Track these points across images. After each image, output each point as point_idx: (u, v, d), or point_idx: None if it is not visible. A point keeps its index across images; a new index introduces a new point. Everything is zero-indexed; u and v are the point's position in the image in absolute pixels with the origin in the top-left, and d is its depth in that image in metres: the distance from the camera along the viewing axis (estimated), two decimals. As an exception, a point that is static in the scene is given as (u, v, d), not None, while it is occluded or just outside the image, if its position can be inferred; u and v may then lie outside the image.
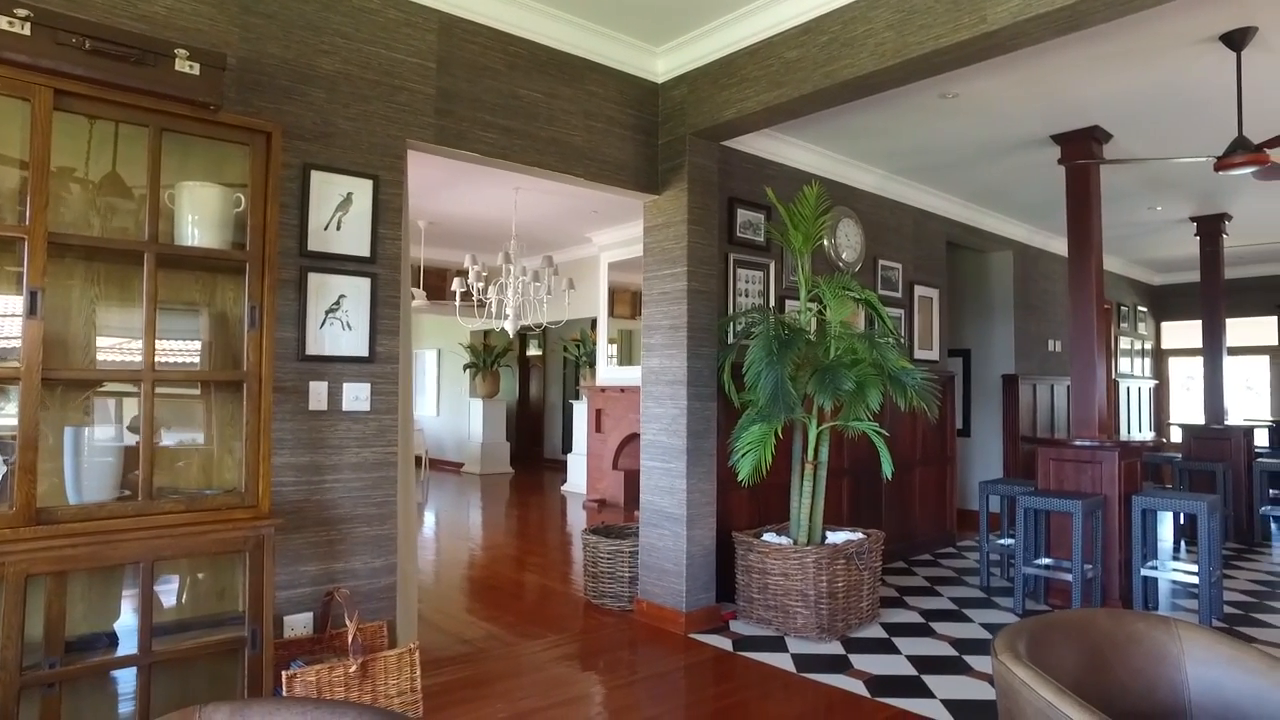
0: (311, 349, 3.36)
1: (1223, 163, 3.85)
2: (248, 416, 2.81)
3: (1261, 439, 8.89)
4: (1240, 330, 10.47)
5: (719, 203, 4.88)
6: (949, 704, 3.39)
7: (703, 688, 3.70)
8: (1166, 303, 11.63)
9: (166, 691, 2.82)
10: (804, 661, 3.91)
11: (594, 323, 9.77)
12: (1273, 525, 7.55)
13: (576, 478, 10.18)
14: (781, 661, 3.92)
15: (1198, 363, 9.18)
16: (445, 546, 6.91)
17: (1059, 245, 8.17)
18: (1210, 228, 7.69)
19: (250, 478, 2.80)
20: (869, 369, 4.19)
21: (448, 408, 13.97)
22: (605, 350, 9.26)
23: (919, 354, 6.51)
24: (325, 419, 3.40)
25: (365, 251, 3.53)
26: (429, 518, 8.51)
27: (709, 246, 4.55)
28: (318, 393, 3.38)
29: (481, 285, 7.37)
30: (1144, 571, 4.81)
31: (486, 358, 12.74)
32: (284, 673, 2.79)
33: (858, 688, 3.58)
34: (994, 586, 5.38)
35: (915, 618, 4.66)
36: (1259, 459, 7.37)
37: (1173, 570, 5.11)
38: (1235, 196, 6.99)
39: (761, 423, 4.10)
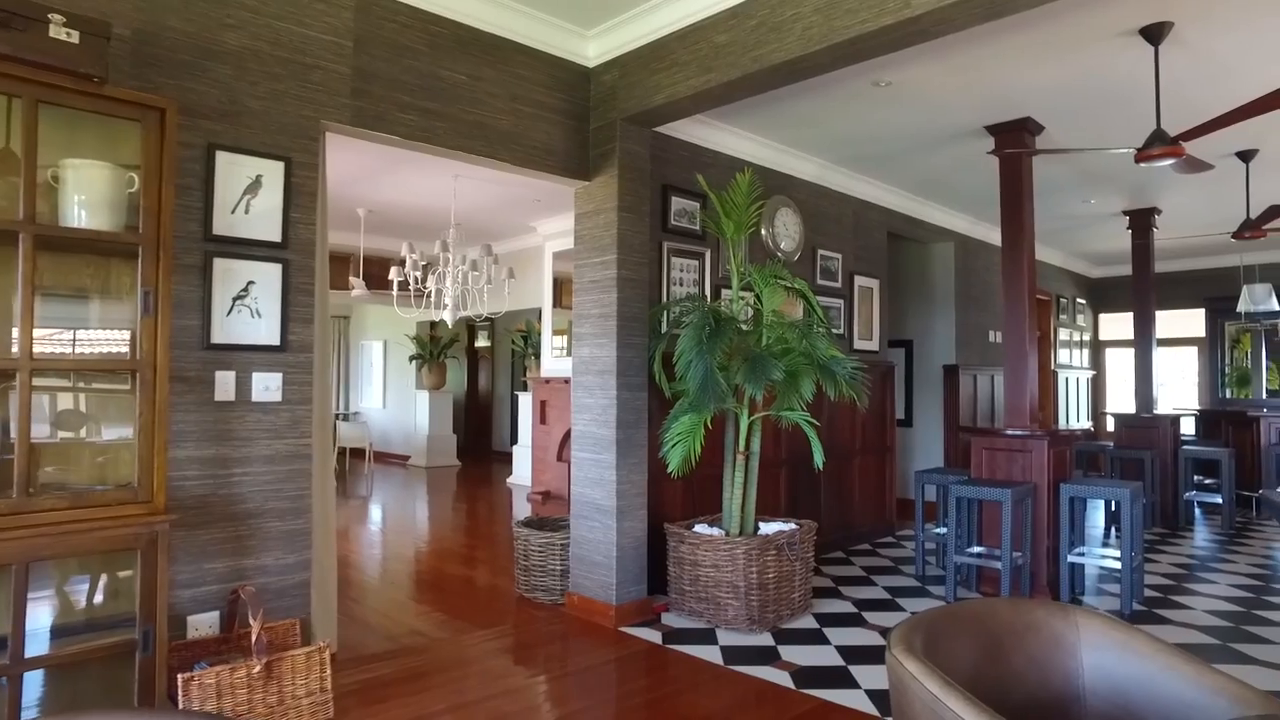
0: (218, 337, 3.22)
1: (1142, 154, 3.90)
2: (141, 408, 2.67)
3: (1188, 427, 9.14)
4: (1172, 322, 10.75)
5: (653, 190, 4.81)
6: (873, 694, 3.39)
7: (627, 682, 3.65)
8: (1104, 295, 11.89)
9: (60, 699, 2.69)
10: (732, 654, 3.88)
11: (540, 313, 9.66)
12: (1196, 510, 7.76)
13: (522, 470, 10.06)
14: (710, 654, 3.88)
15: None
16: (382, 540, 6.76)
17: (999, 237, 8.26)
18: (1141, 221, 7.85)
19: (144, 472, 2.66)
20: (800, 359, 4.17)
21: (394, 400, 13.74)
22: (550, 341, 9.16)
23: (859, 344, 6.54)
24: (233, 410, 3.26)
25: (276, 236, 3.39)
26: (371, 511, 8.33)
27: (641, 234, 4.49)
28: (224, 383, 3.24)
29: (419, 274, 7.21)
30: (1071, 558, 4.89)
31: (433, 349, 12.54)
32: (180, 676, 2.66)
33: (784, 679, 3.56)
34: (929, 575, 5.42)
35: (848, 608, 4.67)
36: (1185, 446, 7.57)
37: (1099, 556, 5.20)
38: (1163, 191, 7.14)
39: (692, 413, 4.05)
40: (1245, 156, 5.97)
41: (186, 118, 3.08)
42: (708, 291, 5.14)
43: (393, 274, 7.25)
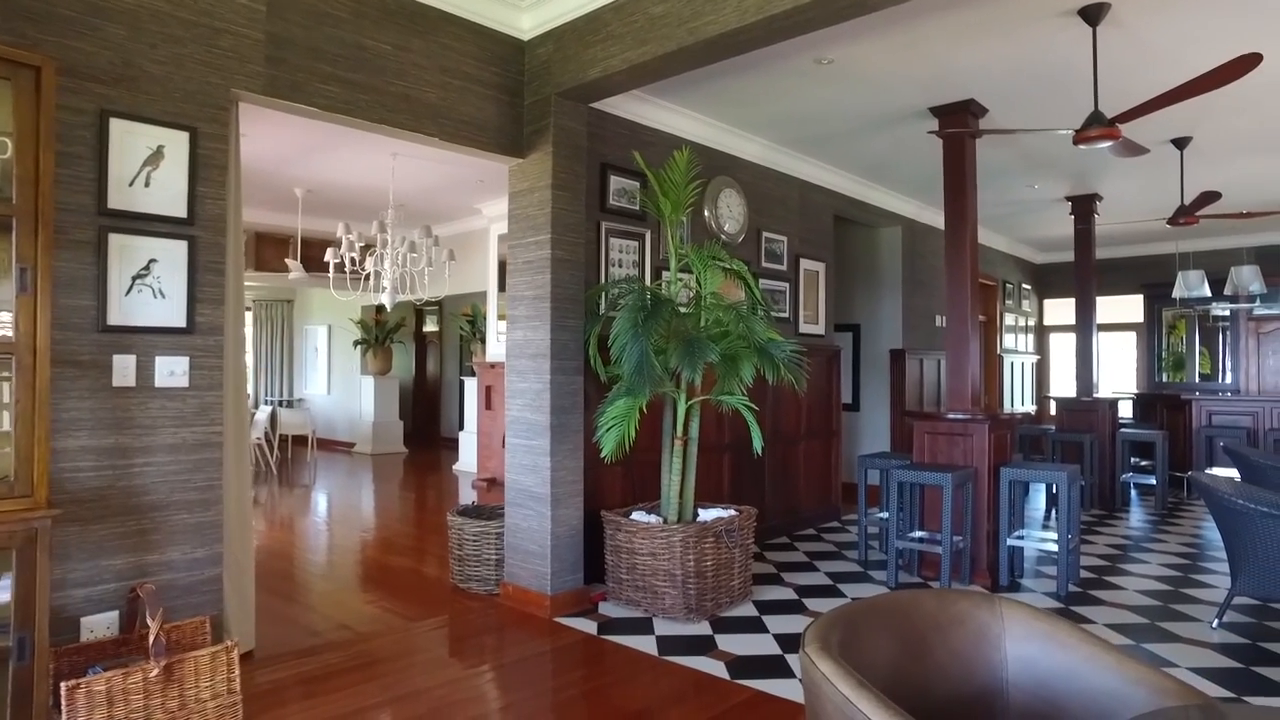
0: (115, 319, 3.01)
1: (1080, 136, 3.87)
2: (18, 394, 2.46)
3: (1127, 410, 9.32)
4: (1113, 308, 10.95)
5: (590, 169, 4.67)
6: (807, 682, 3.33)
7: (558, 674, 3.54)
8: (1048, 280, 12.06)
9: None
10: (668, 644, 3.80)
11: (485, 296, 9.45)
12: (1132, 491, 7.90)
13: (468, 456, 9.87)
14: (645, 644, 3.79)
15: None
16: (318, 531, 6.55)
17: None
18: (1083, 207, 7.93)
19: (22, 464, 2.46)
20: (739, 342, 4.08)
21: (339, 386, 13.40)
22: (495, 325, 8.96)
23: (805, 328, 6.48)
24: (134, 396, 3.06)
25: (181, 212, 3.18)
26: (311, 501, 8.09)
27: (576, 213, 4.34)
28: (123, 367, 3.03)
29: (356, 256, 6.98)
30: (1010, 541, 4.90)
31: (378, 334, 12.24)
32: (64, 684, 2.47)
33: (718, 670, 3.48)
34: (872, 560, 5.41)
35: (789, 595, 4.62)
36: (1122, 429, 7.69)
37: (1038, 539, 5.23)
38: (1104, 177, 7.20)
39: (627, 397, 3.94)
40: (1180, 144, 6.03)
41: (73, 80, 2.86)
42: (648, 273, 5.02)
43: (329, 255, 7.00)
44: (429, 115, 3.99)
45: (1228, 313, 9.65)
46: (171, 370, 3.16)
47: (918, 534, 5.06)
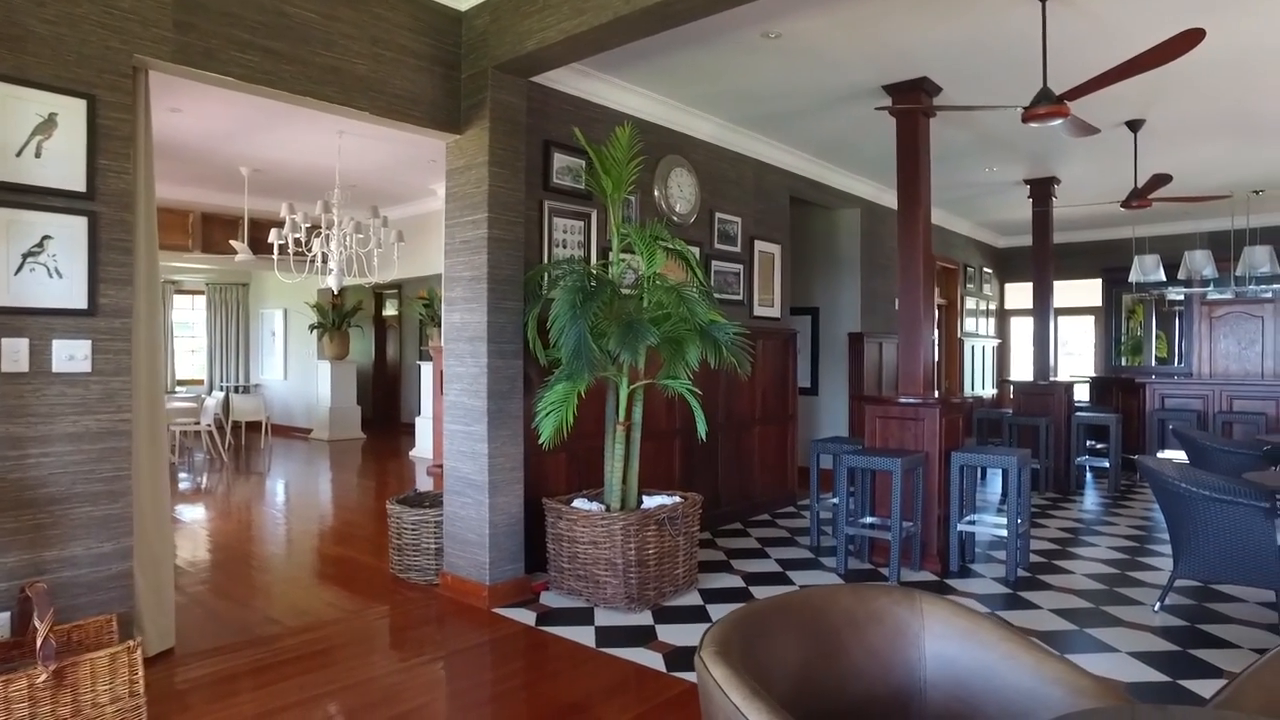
0: (3, 299, 2.81)
1: (1029, 113, 3.79)
2: (-116, 380, 2.27)
3: (1083, 394, 9.37)
4: (1072, 292, 11.00)
5: (532, 146, 4.52)
6: (745, 674, 3.24)
7: (490, 668, 3.43)
8: (1009, 264, 12.09)
9: None
10: (607, 634, 3.69)
11: (442, 280, 9.25)
12: (1087, 474, 7.94)
13: (425, 442, 9.70)
14: (584, 635, 3.68)
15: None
16: (263, 520, 6.36)
17: (904, 204, 8.23)
18: (1041, 190, 7.90)
19: (-111, 455, 2.28)
20: (682, 325, 3.96)
21: (295, 371, 13.11)
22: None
23: (759, 311, 6.38)
24: (28, 382, 2.88)
25: (79, 185, 2.98)
26: (260, 489, 7.87)
27: (515, 191, 4.18)
28: (14, 351, 2.84)
29: (302, 237, 6.75)
30: (961, 526, 4.85)
31: (335, 318, 11.97)
32: (-64, 690, 2.30)
33: (656, 661, 3.38)
34: (823, 546, 5.34)
35: (736, 582, 4.53)
36: (1078, 413, 7.71)
37: (989, 524, 5.20)
38: (1061, 160, 7.17)
39: (566, 381, 3.81)
40: (1134, 126, 6.00)
41: (-52, 41, 2.64)
42: (594, 254, 4.87)
43: (272, 236, 6.77)
44: (359, 89, 3.80)
45: (1182, 297, 9.72)
46: (71, 354, 2.97)
47: (868, 520, 5.00)
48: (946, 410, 4.92)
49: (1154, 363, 10.97)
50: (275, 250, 6.75)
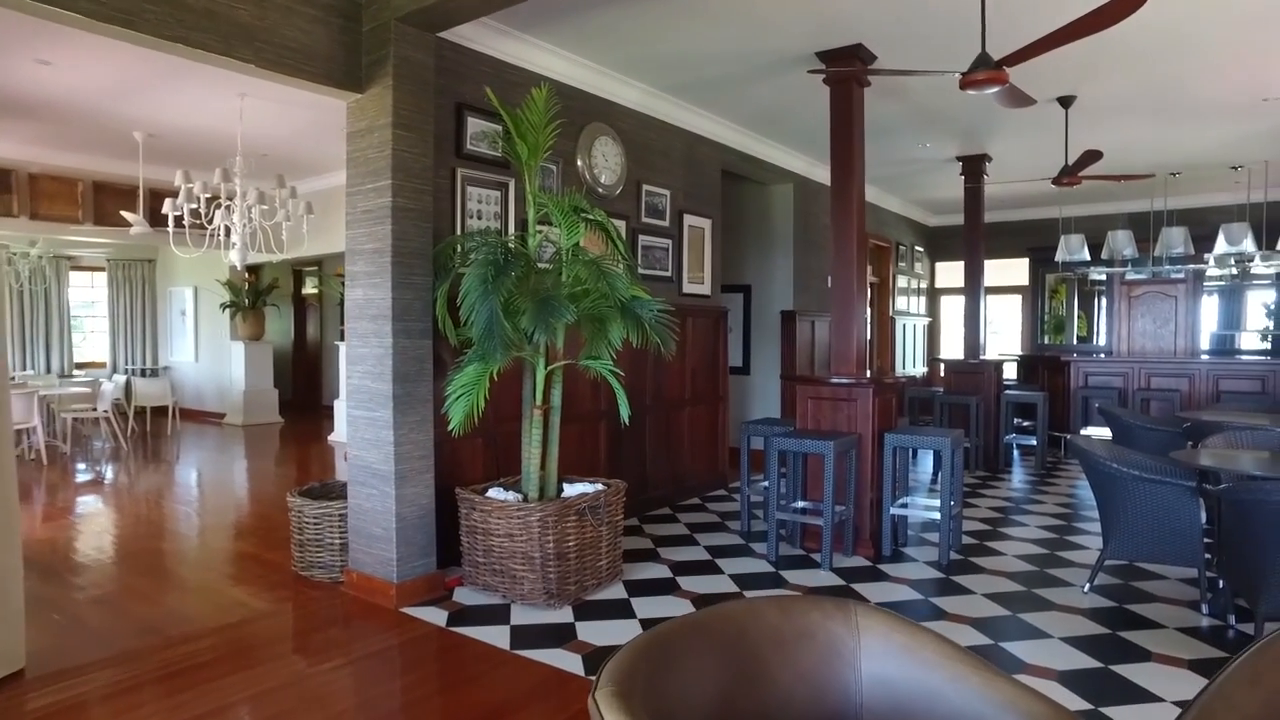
0: None
1: (967, 79, 3.62)
2: None
3: (1011, 372, 9.46)
4: (1001, 271, 11.11)
5: (444, 109, 4.18)
6: (669, 675, 3.03)
7: (396, 676, 3.14)
8: (940, 243, 12.15)
9: None
10: (523, 635, 3.44)
11: (359, 255, 8.77)
12: (1015, 452, 7.99)
13: (344, 426, 9.23)
14: (497, 636, 3.42)
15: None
16: (156, 514, 5.89)
17: (837, 181, 8.11)
18: (973, 167, 7.87)
19: None
20: (602, 301, 3.69)
21: (207, 352, 12.40)
22: (369, 286, 8.31)
23: (689, 288, 6.16)
24: None
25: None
26: (159, 480, 7.35)
27: (423, 157, 3.85)
28: None
29: (199, 208, 6.24)
30: (894, 510, 4.74)
31: (249, 296, 11.34)
32: None
33: (574, 664, 3.15)
34: (754, 531, 5.18)
35: (664, 573, 4.33)
36: (1007, 391, 7.74)
37: (922, 507, 5.12)
38: (993, 136, 7.12)
39: (478, 363, 3.51)
40: (1065, 103, 5.95)
41: None
42: (511, 226, 4.56)
43: (167, 207, 6.23)
44: (241, 37, 3.40)
45: (1104, 277, 9.89)
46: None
47: (800, 504, 4.85)
48: (880, 390, 4.79)
49: (1075, 341, 11.18)
50: (170, 222, 6.22)
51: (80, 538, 5.10)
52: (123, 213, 7.45)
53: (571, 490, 3.98)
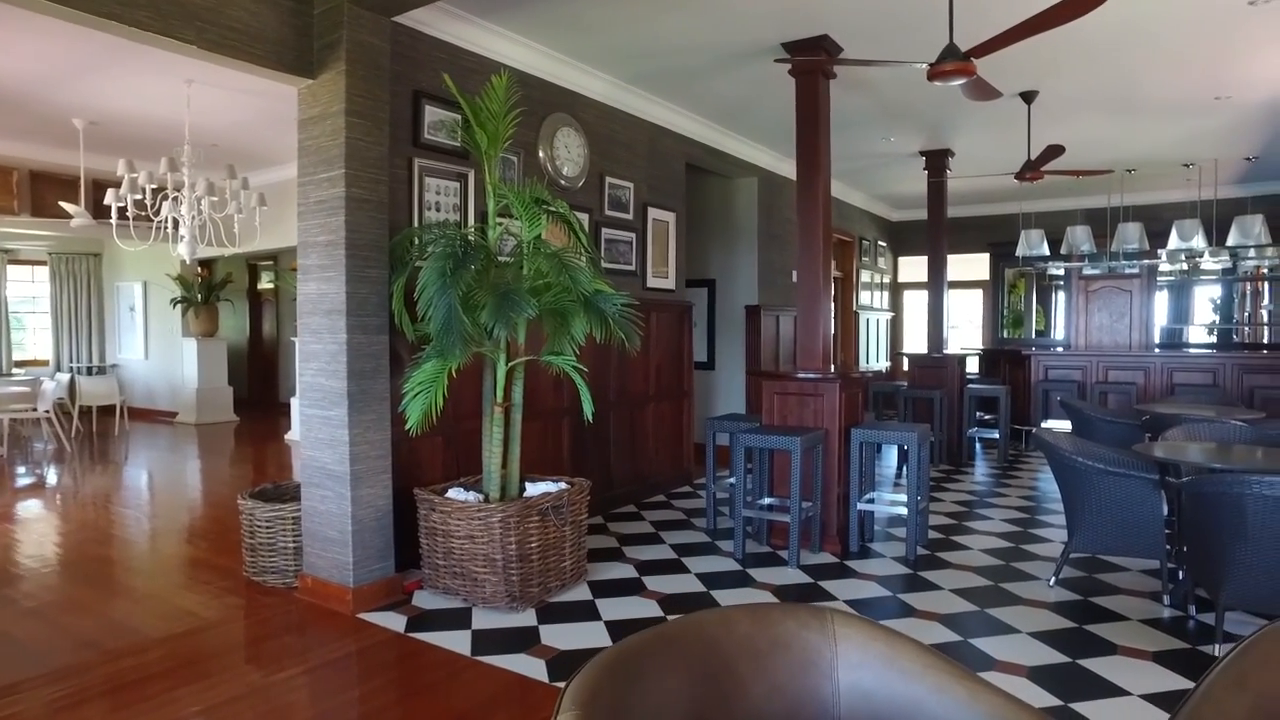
0: None
1: (934, 70, 3.59)
2: None
3: (974, 366, 9.54)
4: (962, 266, 11.20)
5: (401, 96, 4.05)
6: (636, 679, 2.95)
7: (353, 685, 3.02)
8: (903, 238, 12.22)
9: None
10: (485, 640, 3.33)
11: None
12: (977, 445, 8.05)
13: (300, 425, 9.01)
14: (458, 641, 3.31)
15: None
16: (101, 518, 5.65)
17: (801, 175, 8.09)
18: (936, 162, 7.89)
19: None
20: (564, 295, 3.59)
21: (158, 349, 12.03)
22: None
23: (653, 282, 6.08)
24: None
25: None
26: (106, 482, 7.07)
27: (378, 145, 3.71)
28: None
29: (143, 199, 6.00)
30: (861, 505, 4.71)
31: (202, 291, 11.01)
32: None
33: (538, 670, 3.05)
34: (720, 529, 5.12)
35: (629, 572, 4.24)
36: (970, 385, 7.79)
37: (888, 502, 5.10)
38: (956, 132, 7.14)
39: (436, 359, 3.39)
40: (1028, 98, 5.97)
41: None
42: (471, 219, 4.43)
43: (109, 198, 5.98)
44: (181, 16, 3.23)
45: (1062, 272, 10.03)
46: None
47: (766, 501, 4.80)
48: (846, 385, 4.75)
49: (1034, 335, 11.33)
50: (114, 213, 5.97)
51: (16, 546, 4.86)
52: (63, 204, 7.14)
53: (534, 489, 3.88)
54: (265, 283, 13.31)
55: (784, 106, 5.63)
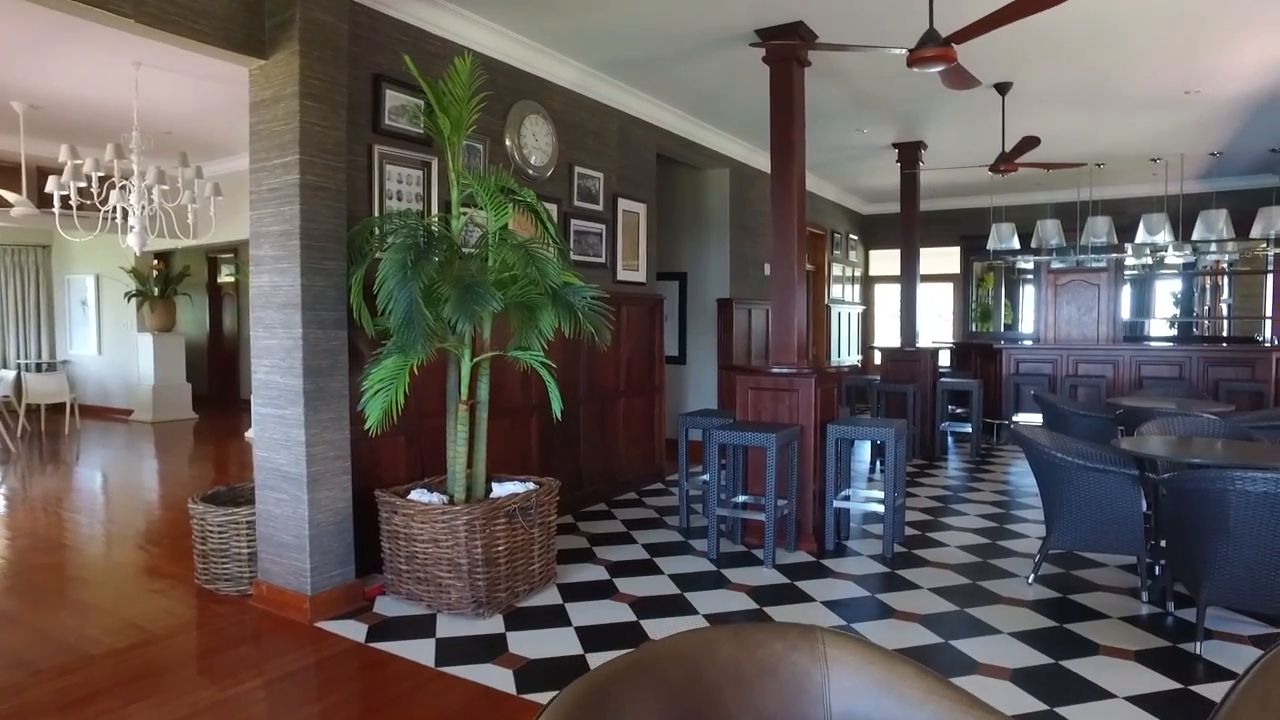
0: None
1: (914, 56, 3.49)
2: None
3: (946, 360, 9.54)
4: (934, 259, 11.21)
5: (360, 80, 3.87)
6: (608, 689, 2.81)
7: (311, 700, 2.85)
8: (874, 231, 12.20)
9: None
10: (450, 649, 3.18)
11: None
12: (949, 440, 8.04)
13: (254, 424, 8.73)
14: (422, 651, 3.16)
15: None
16: (47, 523, 5.39)
17: (774, 167, 7.99)
18: (909, 154, 7.84)
19: None
20: (531, 288, 3.44)
21: (112, 345, 11.64)
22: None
23: (624, 275, 5.94)
24: None
25: None
26: (53, 484, 6.78)
27: (335, 130, 3.52)
28: None
29: (89, 187, 5.72)
30: (836, 503, 4.62)
31: (159, 284, 10.65)
32: None
33: (505, 681, 2.91)
34: (694, 527, 5.01)
35: (600, 574, 4.11)
36: (942, 379, 7.76)
37: (864, 500, 5.03)
38: (929, 124, 7.09)
39: (397, 355, 3.22)
40: (1002, 89, 5.92)
41: None
42: (435, 208, 4.26)
43: (50, 185, 5.69)
44: (123, -11, 3.02)
45: (1031, 265, 10.05)
46: None
47: (740, 498, 4.69)
48: (822, 380, 4.66)
49: (1002, 329, 11.38)
50: (56, 202, 5.68)
51: (-47, 551, 4.60)
52: (2, 192, 6.81)
53: (501, 490, 3.73)
54: (225, 276, 12.94)
55: (757, 97, 5.51)
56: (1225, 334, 10.37)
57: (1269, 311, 10.06)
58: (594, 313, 3.52)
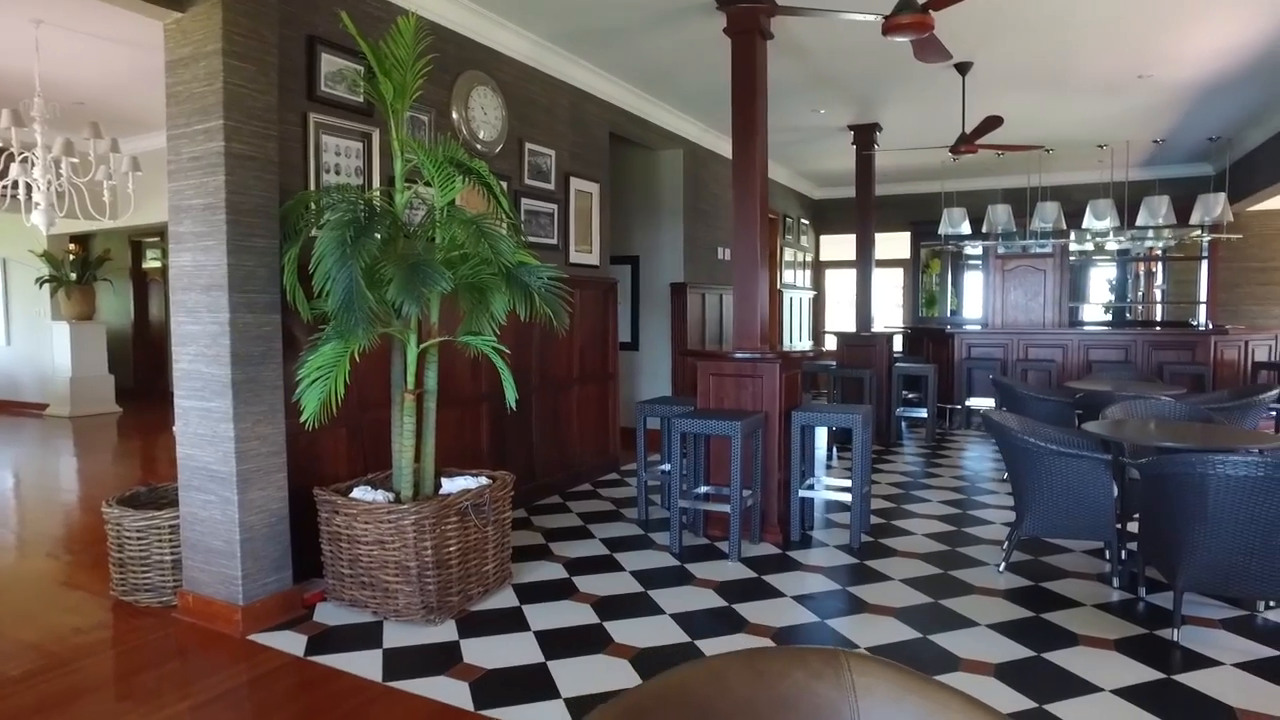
0: None
1: (891, 23, 3.32)
2: None
3: (899, 345, 9.52)
4: (886, 244, 11.19)
5: (293, 41, 3.54)
6: (575, 703, 2.60)
7: (240, 726, 2.57)
8: (825, 216, 12.15)
9: None
10: (398, 660, 2.92)
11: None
12: (903, 425, 8.00)
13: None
14: (368, 664, 2.89)
15: (852, 274, 9.56)
16: (-53, 527, 4.93)
17: (729, 147, 7.80)
18: (865, 137, 7.74)
19: None
20: (484, 267, 3.18)
21: (22, 334, 10.92)
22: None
23: (577, 257, 5.69)
24: None
25: None
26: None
27: (264, 94, 3.20)
28: None
29: (-8, 160, 5.24)
30: (801, 493, 4.47)
31: (75, 269, 10.00)
32: None
33: (461, 695, 2.66)
34: (654, 519, 4.81)
35: (558, 572, 3.88)
36: (897, 364, 7.71)
37: (826, 489, 4.90)
38: (886, 105, 6.99)
39: (336, 341, 2.94)
40: (962, 69, 5.83)
41: None
42: (377, 183, 3.95)
43: (-53, 159, 5.20)
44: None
45: (979, 250, 10.11)
46: None
47: (702, 489, 4.50)
48: (786, 365, 4.49)
49: (949, 314, 11.45)
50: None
51: None
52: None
53: (451, 486, 3.47)
54: (151, 261, 12.25)
55: (714, 73, 5.31)
56: (1159, 319, 10.61)
57: (1203, 296, 10.30)
58: (551, 294, 3.27)
